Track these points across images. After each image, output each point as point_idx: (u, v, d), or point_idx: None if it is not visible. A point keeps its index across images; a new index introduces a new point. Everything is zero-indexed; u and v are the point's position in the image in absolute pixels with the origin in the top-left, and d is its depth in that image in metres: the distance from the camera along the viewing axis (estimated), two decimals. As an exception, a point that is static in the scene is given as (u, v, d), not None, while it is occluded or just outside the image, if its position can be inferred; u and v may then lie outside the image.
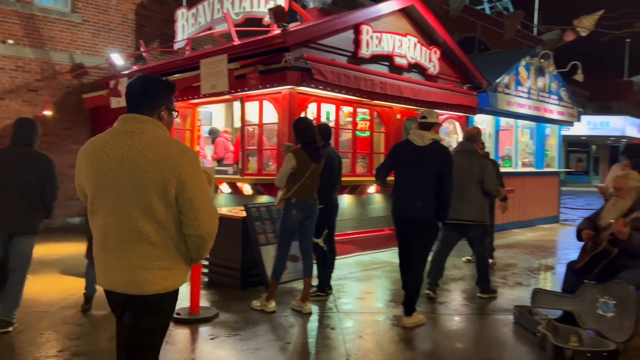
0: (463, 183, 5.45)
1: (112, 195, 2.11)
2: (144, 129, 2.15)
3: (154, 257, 2.11)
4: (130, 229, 2.09)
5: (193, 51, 9.82)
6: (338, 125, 7.81)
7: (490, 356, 4.07)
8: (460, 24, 21.21)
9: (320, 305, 5.25)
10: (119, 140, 2.14)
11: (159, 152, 2.10)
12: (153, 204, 2.08)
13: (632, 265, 4.21)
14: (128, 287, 2.11)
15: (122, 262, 2.11)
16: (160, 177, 2.07)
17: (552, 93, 12.65)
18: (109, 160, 2.12)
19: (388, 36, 8.18)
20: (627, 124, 29.22)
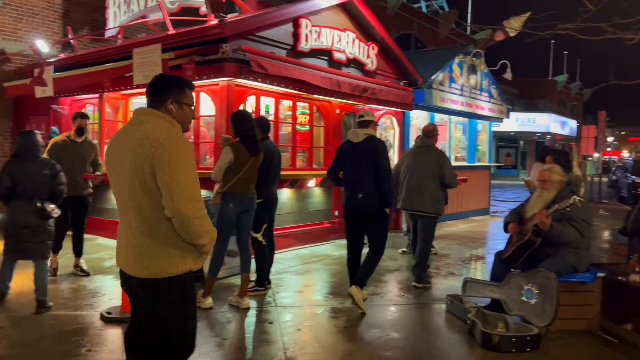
0: (423, 177, 5.97)
1: (116, 181, 2.30)
2: (147, 119, 2.29)
3: (143, 241, 2.21)
4: (125, 214, 2.26)
5: (125, 40, 9.41)
6: (277, 118, 7.76)
7: (423, 344, 4.20)
8: (397, 21, 21.67)
9: (259, 300, 5.22)
10: (126, 131, 2.32)
11: (138, 134, 2.21)
12: (136, 187, 2.19)
13: (553, 254, 4.47)
14: (130, 270, 2.26)
15: (124, 245, 2.29)
16: (138, 157, 2.18)
17: (484, 90, 13.19)
18: (117, 149, 2.30)
19: (327, 31, 8.21)
20: (552, 121, 31.03)
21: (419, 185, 5.96)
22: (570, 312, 4.37)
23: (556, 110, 34.81)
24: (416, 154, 6.23)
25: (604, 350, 4.06)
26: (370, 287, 5.73)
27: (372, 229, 5.07)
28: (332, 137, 8.66)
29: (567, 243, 4.40)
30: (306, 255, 7.42)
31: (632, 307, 4.32)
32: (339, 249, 8.01)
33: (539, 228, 4.45)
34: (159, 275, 2.20)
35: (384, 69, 9.76)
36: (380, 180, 4.90)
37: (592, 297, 4.48)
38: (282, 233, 7.56)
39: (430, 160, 5.99)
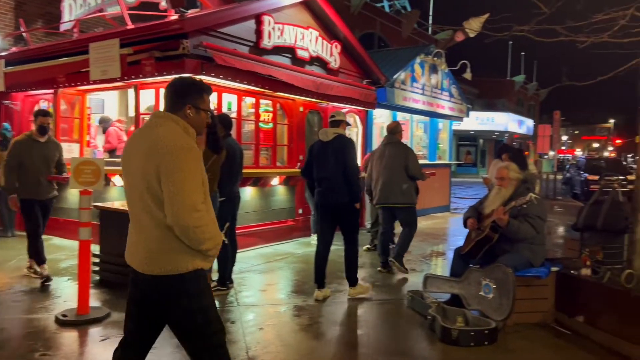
0: (393, 172, 6.31)
1: (127, 181, 2.36)
2: (161, 123, 2.33)
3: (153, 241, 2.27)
4: (137, 214, 2.31)
5: (81, 34, 9.11)
6: (240, 116, 7.68)
7: (385, 340, 4.25)
8: (361, 21, 21.81)
9: (221, 300, 5.16)
10: (142, 133, 2.37)
11: (149, 141, 2.26)
12: (144, 191, 2.25)
13: (510, 249, 4.60)
14: (140, 266, 2.32)
15: (137, 244, 2.34)
16: (146, 165, 2.23)
17: (444, 90, 13.44)
18: (132, 150, 2.35)
19: (290, 28, 8.18)
20: (510, 120, 31.93)
21: (390, 180, 6.29)
22: (526, 305, 4.52)
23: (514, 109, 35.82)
24: (384, 151, 6.53)
25: (557, 342, 4.20)
26: (332, 284, 5.76)
27: (344, 224, 5.32)
28: (296, 135, 8.65)
29: (523, 239, 4.53)
30: (269, 254, 7.38)
31: (583, 299, 4.49)
32: (303, 247, 8.02)
33: (496, 224, 4.57)
34: (172, 272, 2.26)
35: (347, 68, 9.81)
36: (348, 177, 5.14)
37: (547, 290, 4.64)
38: (245, 232, 7.50)
39: (398, 155, 6.33)
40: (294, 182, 8.63)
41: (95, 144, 8.83)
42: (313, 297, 5.22)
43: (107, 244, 5.65)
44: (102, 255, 5.66)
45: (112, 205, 5.87)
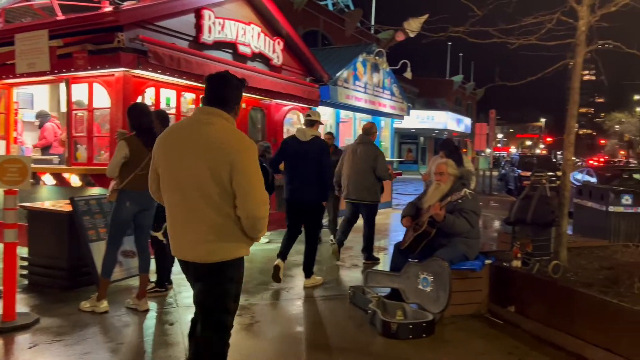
0: (362, 170, 6.64)
1: (180, 176, 2.43)
2: (214, 120, 2.44)
3: (213, 232, 2.41)
4: (193, 208, 2.41)
5: (7, 24, 8.57)
6: (180, 112, 7.49)
7: (326, 336, 4.28)
8: (304, 18, 21.83)
9: (159, 302, 5.01)
10: (192, 129, 2.45)
11: (213, 137, 2.39)
12: (208, 185, 2.37)
13: (447, 243, 4.75)
14: (194, 256, 2.46)
15: (189, 236, 2.45)
16: (215, 159, 2.36)
17: (386, 89, 13.70)
18: (172, 144, 2.46)
19: (231, 23, 8.05)
20: (449, 119, 33.01)
21: (358, 178, 6.65)
22: (461, 297, 4.67)
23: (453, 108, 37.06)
24: (356, 149, 6.82)
25: (491, 331, 4.38)
26: (275, 283, 5.73)
27: (309, 221, 5.67)
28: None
29: (458, 233, 4.69)
30: (211, 253, 7.24)
31: (515, 290, 4.70)
32: (246, 245, 7.92)
33: (433, 219, 4.70)
34: (228, 258, 2.47)
35: (290, 65, 9.79)
36: (323, 178, 5.54)
37: (481, 282, 4.82)
38: (185, 231, 7.35)
39: (368, 156, 6.65)
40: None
41: (23, 141, 8.33)
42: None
43: (36, 246, 5.36)
44: (30, 258, 5.36)
45: (42, 205, 5.57)
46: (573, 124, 5.03)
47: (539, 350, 3.96)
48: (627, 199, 7.82)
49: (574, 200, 9.01)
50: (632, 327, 3.60)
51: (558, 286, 4.28)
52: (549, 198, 4.87)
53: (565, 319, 4.14)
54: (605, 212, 7.87)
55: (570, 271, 4.69)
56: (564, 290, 4.21)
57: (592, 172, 13.07)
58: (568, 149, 5.03)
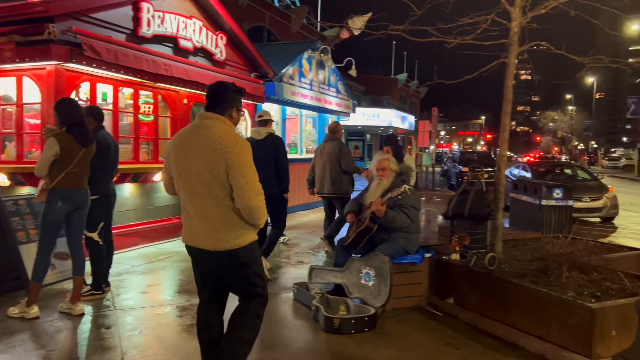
0: (330, 165, 7.06)
1: (184, 177, 2.79)
2: (213, 124, 2.79)
3: (220, 222, 2.76)
4: (202, 204, 2.76)
5: None
6: (117, 108, 7.22)
7: (269, 333, 4.23)
8: (249, 13, 21.59)
9: (96, 305, 4.82)
10: (195, 133, 2.80)
11: (210, 140, 2.73)
12: (211, 183, 2.72)
13: (388, 238, 4.83)
14: (209, 245, 2.78)
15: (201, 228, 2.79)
16: (212, 161, 2.70)
17: (331, 86, 13.77)
18: (179, 148, 2.82)
19: (171, 17, 7.84)
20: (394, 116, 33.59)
21: (326, 173, 7.11)
22: (402, 291, 4.77)
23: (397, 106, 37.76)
24: (323, 147, 7.32)
25: (430, 323, 4.49)
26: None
27: (274, 211, 5.90)
28: (180, 128, 8.29)
29: (399, 228, 4.78)
30: (152, 254, 7.04)
31: (453, 282, 4.85)
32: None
33: (375, 215, 4.76)
34: (239, 246, 2.80)
35: (234, 60, 9.65)
36: (280, 172, 5.95)
37: (421, 276, 4.94)
38: (124, 231, 7.10)
39: (335, 151, 7.09)
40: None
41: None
42: None
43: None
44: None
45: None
46: (507, 121, 5.23)
47: (475, 340, 4.09)
48: (558, 192, 8.26)
49: (510, 194, 9.42)
50: (560, 315, 3.79)
51: (493, 277, 4.44)
52: (485, 193, 5.05)
53: (500, 309, 4.31)
54: (539, 205, 8.27)
55: (505, 263, 4.89)
56: (498, 282, 4.38)
57: (527, 167, 13.69)
58: (503, 145, 5.23)
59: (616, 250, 5.55)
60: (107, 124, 6.54)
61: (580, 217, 10.04)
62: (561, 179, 12.46)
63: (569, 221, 8.12)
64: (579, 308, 3.66)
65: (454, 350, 3.91)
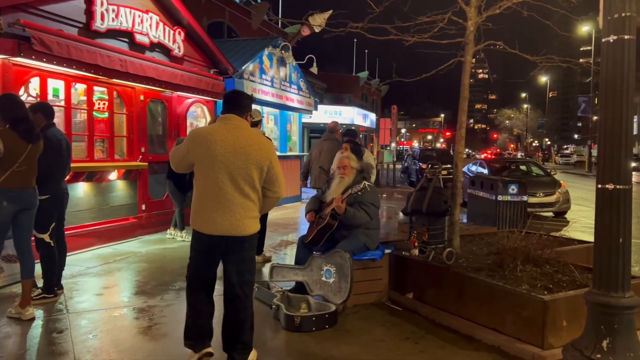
0: (326, 162, 7.32)
1: (228, 170, 3.19)
2: (243, 126, 3.32)
3: (251, 210, 3.28)
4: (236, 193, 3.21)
5: None
6: (70, 104, 6.95)
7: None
8: (209, 9, 21.25)
9: (47, 309, 4.64)
10: (229, 132, 3.24)
11: (259, 142, 3.30)
12: (254, 176, 3.24)
13: (348, 235, 4.84)
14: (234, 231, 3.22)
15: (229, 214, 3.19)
16: (261, 159, 3.26)
17: (293, 83, 13.72)
18: (226, 146, 3.19)
19: (126, 10, 7.61)
20: (356, 114, 33.79)
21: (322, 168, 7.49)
22: (363, 287, 4.80)
23: (359, 104, 38.02)
24: (322, 145, 7.79)
25: (390, 318, 4.53)
26: (178, 281, 5.54)
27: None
28: (137, 125, 8.11)
29: (359, 225, 4.80)
30: (108, 255, 6.84)
31: (412, 277, 4.92)
32: (147, 245, 7.58)
33: (335, 212, 4.77)
34: (255, 231, 3.33)
35: (192, 56, 9.47)
36: None
37: (381, 272, 4.98)
38: (78, 232, 6.87)
39: (332, 150, 7.32)
40: (135, 176, 8.11)
41: None
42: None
43: None
44: None
45: None
46: (464, 118, 5.34)
47: (433, 334, 4.16)
48: (513, 188, 8.50)
49: (468, 190, 9.64)
50: (514, 308, 3.89)
51: (451, 272, 4.52)
52: (442, 189, 5.13)
53: (458, 302, 4.40)
54: (495, 201, 8.49)
55: (463, 257, 4.99)
56: (456, 276, 4.47)
57: (485, 163, 14.04)
58: (459, 143, 5.34)
59: (567, 243, 5.75)
60: (59, 121, 6.33)
61: (534, 211, 10.37)
62: (516, 175, 12.85)
63: (524, 216, 8.37)
64: (531, 300, 3.78)
65: (412, 344, 3.96)
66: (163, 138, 8.99)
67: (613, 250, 2.96)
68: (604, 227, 3.00)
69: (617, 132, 2.95)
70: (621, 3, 2.89)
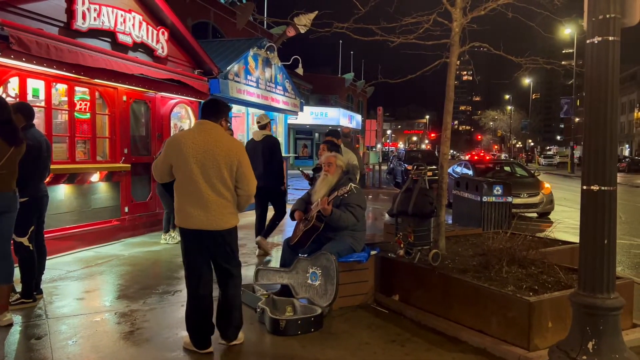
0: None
1: (200, 170, 3.52)
2: (214, 129, 3.67)
3: (226, 207, 3.61)
4: (213, 192, 3.55)
5: None
6: (50, 105, 6.81)
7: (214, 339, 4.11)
8: (194, 9, 21.10)
9: (26, 314, 4.52)
10: (201, 135, 3.59)
11: (227, 143, 3.64)
12: (225, 175, 3.57)
13: (334, 237, 4.81)
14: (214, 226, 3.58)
15: (206, 211, 3.54)
16: (230, 159, 3.58)
17: (278, 84, 13.65)
18: (197, 147, 3.54)
19: (108, 10, 7.49)
20: (341, 115, 33.86)
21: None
22: (349, 289, 4.76)
23: (345, 105, 38.08)
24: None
25: (376, 321, 4.50)
26: (161, 285, 5.46)
27: (274, 201, 7.45)
28: (119, 126, 7.98)
29: (345, 227, 4.77)
30: (89, 258, 6.71)
31: (399, 279, 4.89)
32: (129, 248, 7.46)
33: (321, 214, 4.73)
34: (233, 225, 3.70)
35: (176, 57, 9.37)
36: (276, 167, 7.22)
37: (367, 274, 4.95)
38: (59, 235, 6.73)
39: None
40: (118, 178, 7.98)
41: None
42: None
43: None
44: None
45: None
46: (449, 119, 5.34)
47: (419, 336, 4.14)
48: (498, 189, 8.54)
49: (453, 191, 9.67)
50: (500, 309, 3.89)
51: (437, 273, 4.51)
52: (428, 190, 5.12)
53: (444, 304, 4.39)
54: (480, 202, 8.53)
55: (448, 259, 4.98)
56: (441, 277, 4.46)
57: (470, 165, 14.12)
58: (445, 144, 5.34)
59: (552, 244, 5.78)
60: (39, 122, 6.20)
61: (519, 212, 10.45)
62: (501, 176, 12.94)
63: (509, 217, 8.42)
64: (517, 301, 3.78)
65: (398, 347, 3.94)
66: (146, 139, 8.86)
67: (598, 252, 2.96)
68: (588, 228, 3.00)
69: (602, 133, 2.96)
70: (606, 4, 2.90)
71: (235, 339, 3.86)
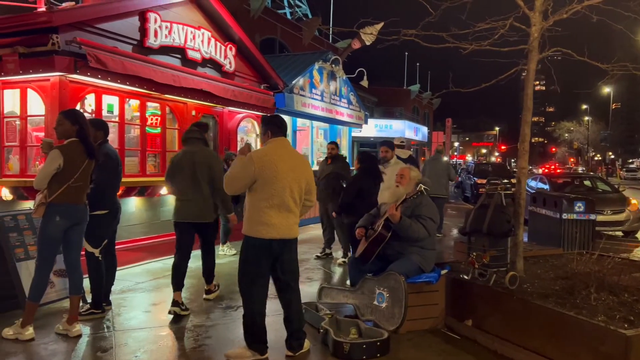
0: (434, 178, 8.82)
1: (290, 185, 3.79)
2: (291, 146, 4.06)
3: (297, 216, 3.92)
4: (287, 205, 3.79)
5: None
6: (123, 120, 7.06)
7: (275, 357, 3.98)
8: (261, 26, 21.57)
9: (95, 325, 4.60)
10: (288, 152, 3.92)
11: (305, 160, 4.08)
12: (302, 189, 3.90)
13: (401, 251, 4.55)
14: (293, 235, 3.88)
15: (286, 220, 3.81)
16: (308, 174, 3.96)
17: (343, 97, 13.57)
18: (288, 164, 3.82)
19: (179, 27, 7.70)
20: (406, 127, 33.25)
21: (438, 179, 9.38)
22: (417, 312, 4.48)
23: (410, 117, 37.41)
24: (433, 159, 10.18)
25: (447, 347, 4.19)
26: (225, 299, 5.42)
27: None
28: (188, 141, 8.13)
29: (414, 239, 4.50)
30: (158, 270, 6.83)
31: (472, 303, 4.54)
32: (196, 260, 7.47)
33: (389, 222, 4.49)
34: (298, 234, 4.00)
35: (243, 72, 9.49)
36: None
37: (437, 296, 4.64)
38: (129, 246, 6.91)
39: (444, 166, 10.19)
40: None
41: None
42: None
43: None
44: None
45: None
46: (527, 131, 4.96)
47: (496, 367, 3.79)
48: (580, 206, 7.89)
49: (529, 207, 9.06)
50: (590, 342, 3.48)
51: (515, 298, 4.14)
52: (505, 207, 4.75)
53: (522, 332, 4.01)
54: (559, 219, 7.92)
55: (527, 282, 4.58)
56: (520, 303, 4.08)
57: (545, 179, 13.30)
58: (522, 157, 4.96)
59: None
60: (113, 136, 6.42)
61: (602, 231, 9.65)
62: (581, 191, 12.06)
63: (592, 236, 7.75)
64: (611, 334, 3.35)
65: (473, 378, 3.61)
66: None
67: None
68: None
69: None
70: None
71: (301, 348, 4.01)
